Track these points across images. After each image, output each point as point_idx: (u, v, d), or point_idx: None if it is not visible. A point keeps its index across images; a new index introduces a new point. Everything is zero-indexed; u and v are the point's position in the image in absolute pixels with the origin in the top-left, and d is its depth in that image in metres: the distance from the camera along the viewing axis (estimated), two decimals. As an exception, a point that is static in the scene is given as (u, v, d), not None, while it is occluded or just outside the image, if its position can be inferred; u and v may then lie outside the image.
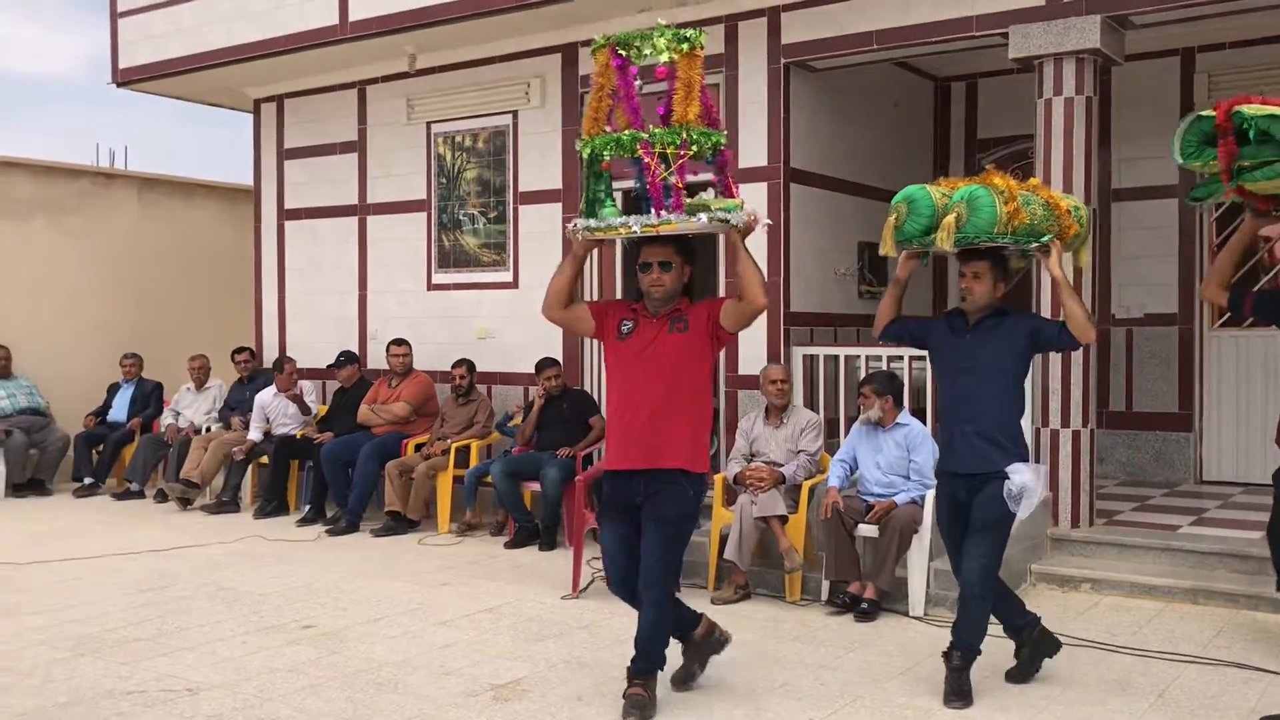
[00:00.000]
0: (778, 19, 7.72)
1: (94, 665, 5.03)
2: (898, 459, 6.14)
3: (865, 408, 6.27)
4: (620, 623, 5.76)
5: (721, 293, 7.56)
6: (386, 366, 9.11)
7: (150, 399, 10.81)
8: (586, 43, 8.51)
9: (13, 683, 4.77)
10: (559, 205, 8.72)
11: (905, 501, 6.03)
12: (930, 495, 5.94)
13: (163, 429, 10.31)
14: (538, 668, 5.02)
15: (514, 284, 9.02)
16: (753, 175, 7.79)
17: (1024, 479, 4.44)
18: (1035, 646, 4.83)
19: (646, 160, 4.16)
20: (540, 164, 8.86)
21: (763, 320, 7.72)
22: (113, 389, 10.98)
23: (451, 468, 8.36)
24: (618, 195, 4.69)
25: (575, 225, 4.38)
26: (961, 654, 4.54)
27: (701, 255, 5.75)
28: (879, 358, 7.34)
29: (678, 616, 4.60)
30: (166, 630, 5.61)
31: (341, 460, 8.69)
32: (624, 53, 4.27)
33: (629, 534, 4.42)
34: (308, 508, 8.83)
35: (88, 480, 10.35)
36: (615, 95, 4.28)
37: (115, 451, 10.47)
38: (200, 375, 10.43)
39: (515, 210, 9.03)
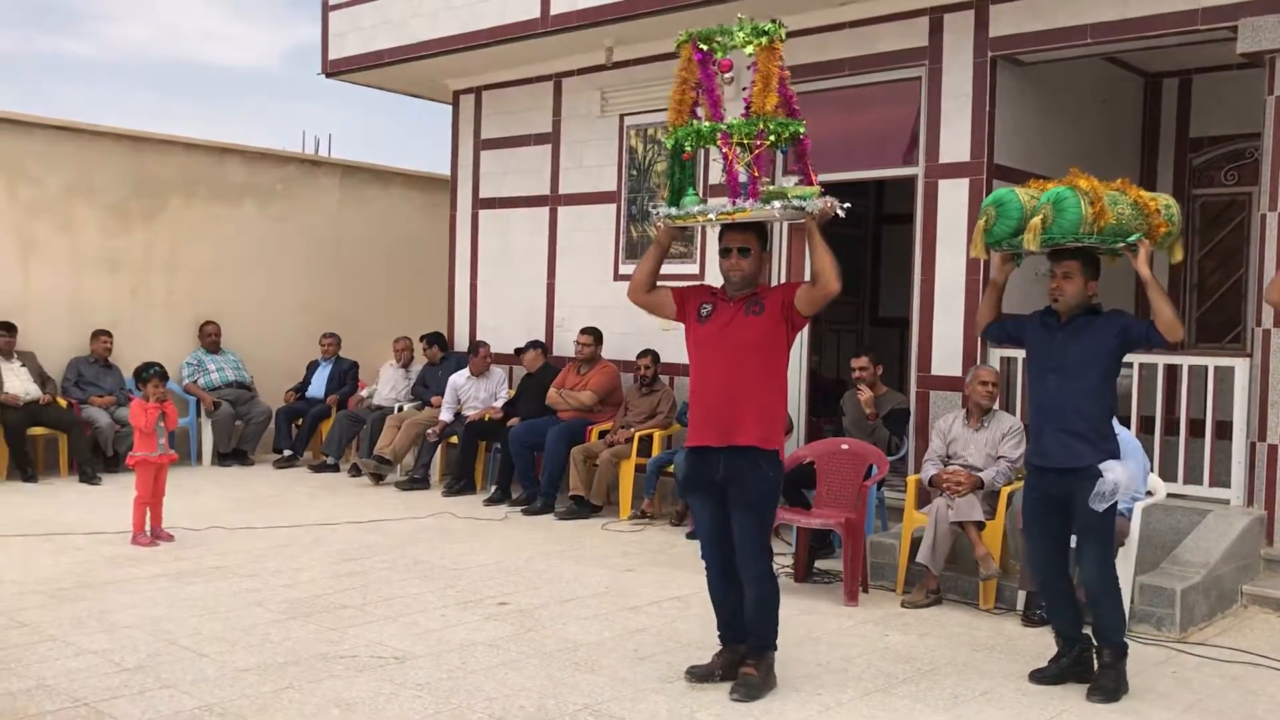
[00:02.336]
0: (986, 12, 7.51)
1: (306, 628, 5.28)
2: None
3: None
4: (807, 619, 5.74)
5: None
6: (574, 354, 9.29)
7: (346, 377, 11.31)
8: (789, 35, 8.51)
9: (236, 640, 5.06)
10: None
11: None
12: (1138, 508, 5.72)
13: (358, 406, 10.79)
14: (730, 659, 5.03)
15: (700, 275, 9.03)
16: (953, 171, 7.62)
17: (1116, 476, 4.56)
18: (1076, 664, 4.83)
19: (725, 150, 4.33)
20: (732, 157, 8.86)
21: (959, 320, 7.57)
22: (312, 366, 11.52)
23: (634, 456, 8.46)
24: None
25: (658, 213, 4.61)
26: (1110, 650, 4.69)
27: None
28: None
29: (770, 625, 4.60)
30: (370, 599, 5.85)
31: (527, 443, 8.91)
32: (705, 47, 4.46)
33: (712, 507, 4.60)
34: (494, 488, 9.10)
35: (287, 452, 10.88)
36: (697, 88, 4.50)
37: (313, 426, 10.99)
38: (404, 356, 10.87)
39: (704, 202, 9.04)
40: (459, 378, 9.90)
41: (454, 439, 9.65)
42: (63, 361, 10.32)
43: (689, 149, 4.50)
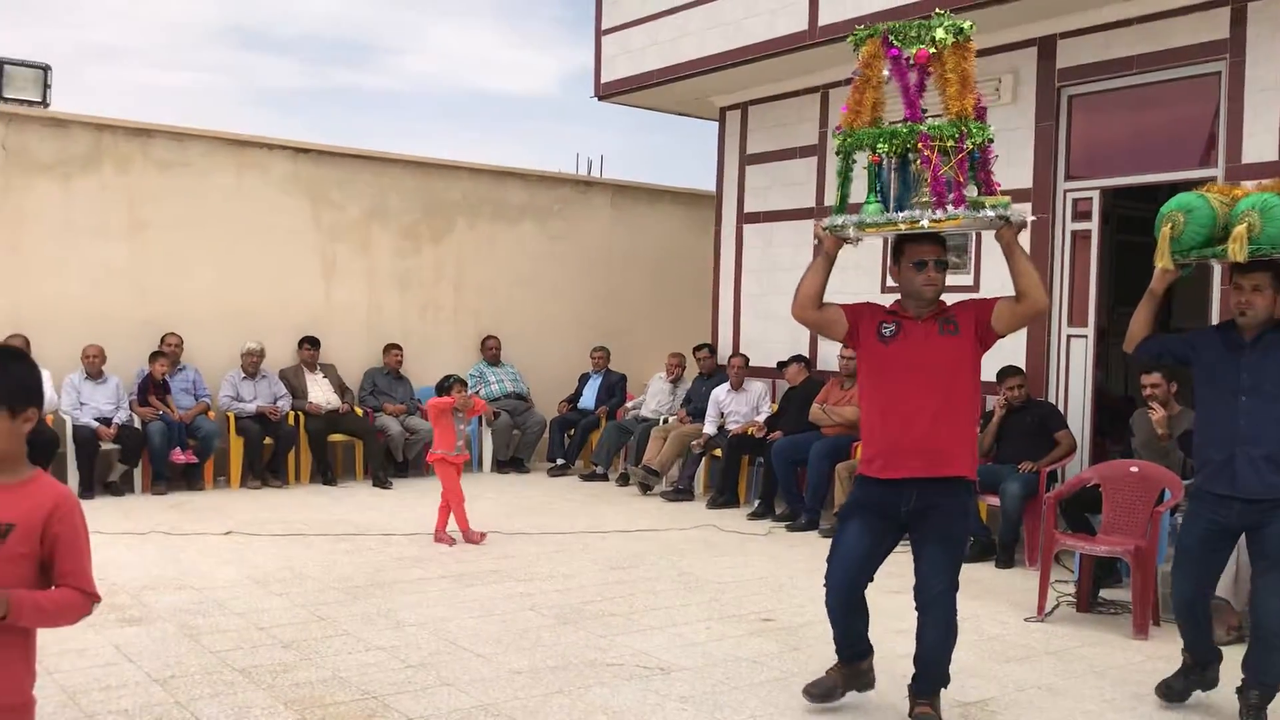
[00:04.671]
0: (1297, -3, 6.88)
1: (576, 634, 5.43)
2: None
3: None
4: (1091, 651, 5.40)
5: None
6: (838, 368, 9.15)
7: (615, 389, 11.61)
8: (1067, 34, 8.10)
9: (511, 642, 5.26)
10: (1028, 205, 8.32)
11: None
12: None
13: (626, 417, 11.05)
14: (1005, 689, 4.80)
15: (975, 288, 8.70)
16: (1258, 171, 6.98)
17: None
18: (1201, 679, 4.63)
19: (927, 154, 4.01)
20: (1008, 163, 8.46)
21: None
22: (583, 378, 11.91)
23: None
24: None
25: (840, 221, 4.25)
26: (1260, 692, 4.36)
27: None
28: None
29: (948, 662, 4.31)
30: (637, 609, 5.95)
31: (790, 459, 8.84)
32: (897, 43, 4.15)
33: (874, 535, 4.29)
34: (758, 502, 9.09)
35: (559, 461, 11.28)
36: (879, 88, 4.23)
37: (584, 436, 11.34)
38: (675, 371, 11.07)
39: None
40: (720, 391, 9.98)
41: (717, 452, 9.72)
42: (359, 373, 11.13)
43: (877, 152, 4.16)
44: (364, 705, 4.35)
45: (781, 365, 9.68)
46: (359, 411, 10.66)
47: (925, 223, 4.04)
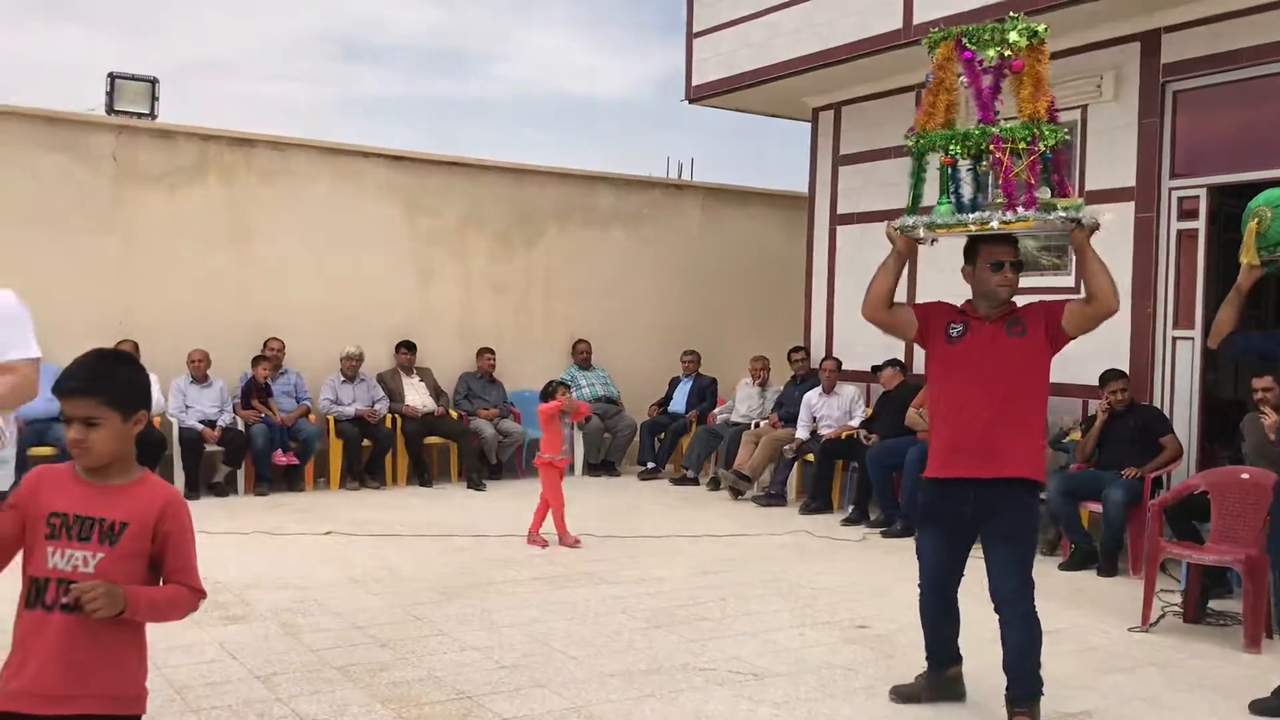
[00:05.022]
0: None
1: (668, 638, 5.42)
2: None
3: None
4: (1199, 664, 5.22)
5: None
6: (934, 372, 9.01)
7: (706, 393, 11.59)
8: (1171, 28, 7.86)
9: (603, 645, 5.27)
10: (1131, 204, 8.10)
11: None
12: None
13: (716, 421, 11.02)
14: (1109, 701, 4.66)
15: (1075, 289, 8.49)
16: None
17: None
18: None
19: (998, 155, 4.04)
20: (1111, 161, 8.27)
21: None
22: (673, 382, 11.90)
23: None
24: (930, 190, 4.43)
25: (911, 222, 4.26)
26: None
27: None
28: None
29: (1037, 669, 4.19)
30: (729, 613, 5.92)
31: (886, 464, 8.72)
32: (970, 46, 4.17)
33: (950, 543, 4.32)
34: (851, 508, 8.98)
35: (650, 464, 11.30)
36: (952, 90, 4.25)
37: (674, 440, 11.34)
38: (761, 375, 11.01)
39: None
40: (812, 395, 9.90)
41: (810, 456, 9.63)
42: (454, 376, 11.28)
43: (950, 154, 4.20)
44: (458, 705, 4.40)
45: (876, 369, 9.56)
46: (454, 414, 10.80)
47: (995, 224, 4.09)
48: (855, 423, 9.60)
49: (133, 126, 10.06)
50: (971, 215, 4.15)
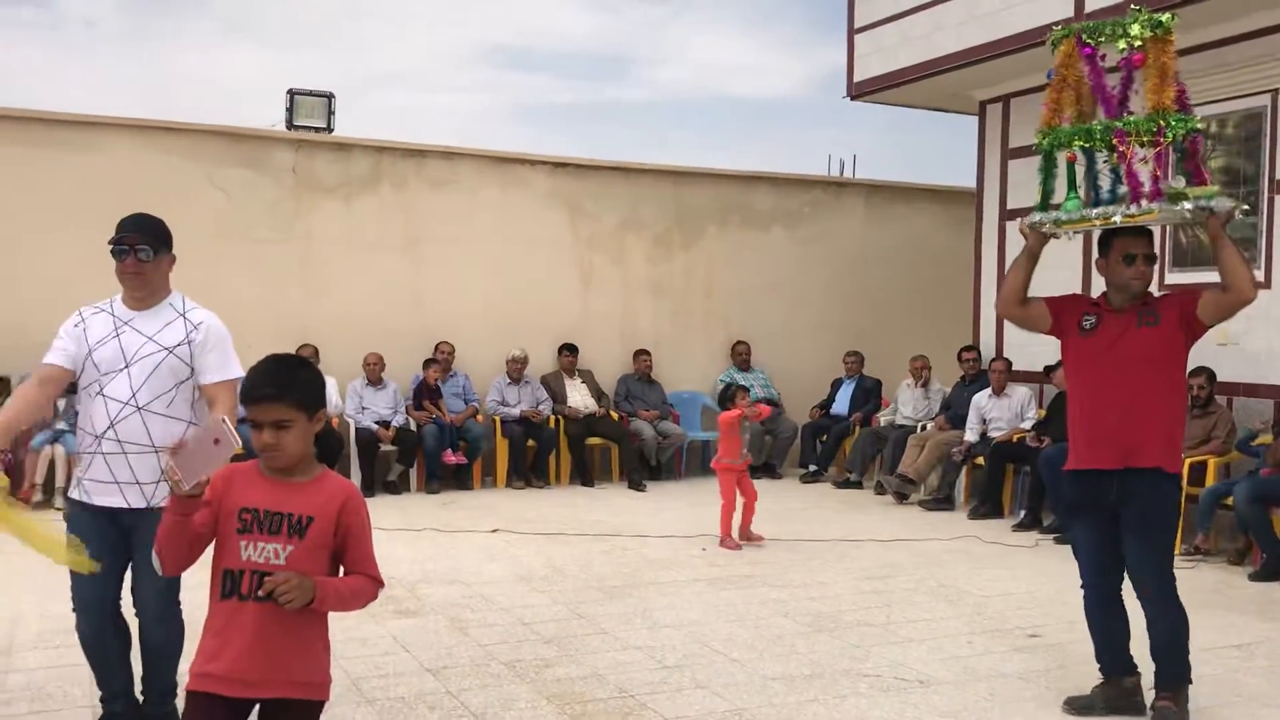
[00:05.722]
0: None
1: (831, 643, 5.35)
2: None
3: None
4: None
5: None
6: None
7: (869, 395, 11.39)
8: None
9: (764, 648, 5.24)
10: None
11: None
12: None
13: (881, 424, 10.82)
14: (1306, 723, 4.38)
15: (1265, 284, 8.03)
16: None
17: None
18: None
19: (1121, 149, 4.04)
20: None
21: None
22: (836, 384, 11.75)
23: (1185, 485, 7.65)
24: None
25: (1035, 219, 4.30)
26: None
27: None
28: None
29: (1183, 656, 4.24)
30: (894, 619, 5.81)
31: (1060, 466, 8.37)
32: (1091, 42, 4.18)
33: (1102, 536, 4.30)
34: (1023, 513, 8.70)
35: (812, 467, 11.17)
36: (1077, 86, 4.24)
37: (837, 442, 11.19)
38: (923, 375, 10.77)
39: (1270, 202, 8.03)
40: (981, 397, 9.62)
41: (980, 460, 9.36)
42: (614, 378, 11.40)
43: (1074, 150, 4.23)
44: (621, 703, 4.44)
45: (1049, 370, 9.21)
46: (614, 416, 10.93)
47: (1118, 218, 4.11)
48: (1027, 425, 9.29)
49: (311, 140, 10.52)
50: (1095, 210, 4.19)
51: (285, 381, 2.64)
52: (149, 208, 4.11)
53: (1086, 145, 4.21)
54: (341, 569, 2.71)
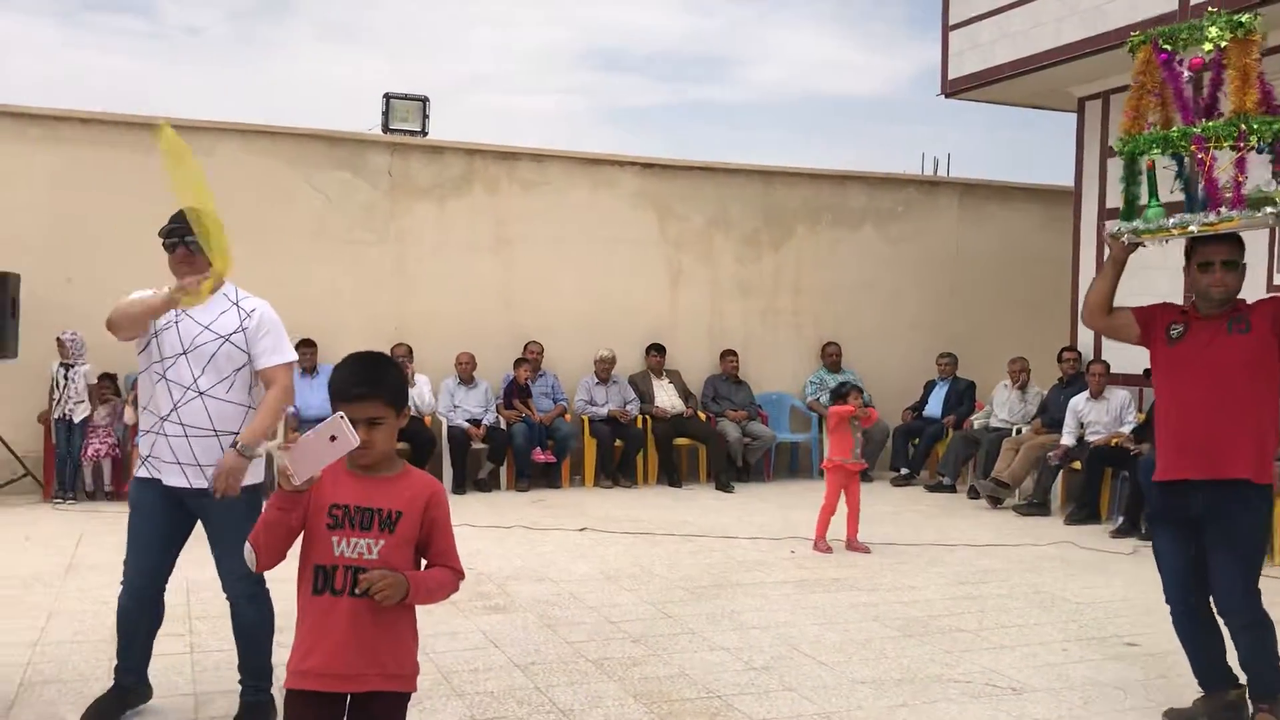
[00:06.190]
0: None
1: (921, 648, 5.28)
2: None
3: None
4: None
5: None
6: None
7: (963, 397, 11.21)
8: None
9: (853, 652, 5.20)
10: None
11: None
12: None
13: (974, 427, 10.64)
14: None
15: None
16: None
17: None
18: None
19: (1200, 155, 3.96)
20: None
21: None
22: (928, 385, 11.58)
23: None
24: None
25: (1117, 228, 4.23)
26: None
27: None
28: None
29: (1274, 667, 4.09)
30: (987, 625, 5.71)
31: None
32: (1168, 47, 4.10)
33: (1185, 551, 4.19)
34: (1121, 519, 8.48)
35: (903, 471, 11.03)
36: (1157, 92, 4.16)
37: (929, 445, 11.03)
38: (1020, 377, 10.57)
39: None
40: (1079, 400, 9.40)
41: (1076, 464, 9.16)
42: (702, 378, 11.40)
43: (1152, 157, 4.15)
44: (708, 704, 4.44)
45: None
46: (702, 416, 10.92)
47: (1195, 227, 4.01)
48: (1126, 430, 9.05)
49: (406, 144, 10.71)
50: (1173, 219, 4.08)
51: (378, 380, 2.69)
52: (250, 210, 4.26)
53: (1165, 153, 4.10)
54: (423, 561, 2.76)
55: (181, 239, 3.98)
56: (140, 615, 4.11)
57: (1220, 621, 4.18)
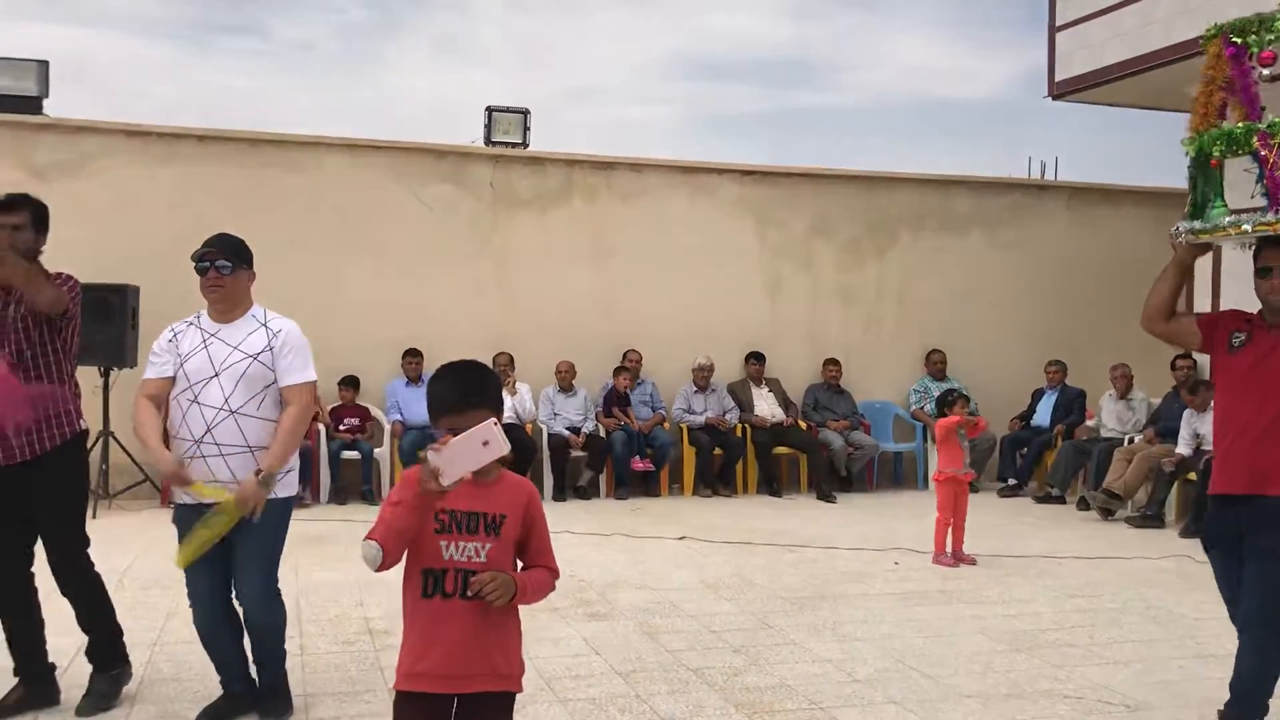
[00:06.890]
0: None
1: (1029, 662, 5.15)
2: None
3: None
4: None
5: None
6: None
7: (1073, 406, 10.93)
8: None
9: (959, 667, 5.09)
10: None
11: None
12: None
13: (1084, 436, 10.37)
14: None
15: None
16: None
17: None
18: None
19: (1264, 154, 3.74)
20: None
21: None
22: (1037, 394, 11.32)
23: None
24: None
25: (1178, 229, 4.07)
26: None
27: None
28: None
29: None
30: (1098, 640, 5.55)
31: (1283, 485, 7.86)
32: (1239, 40, 3.92)
33: (1235, 573, 3.97)
34: (1241, 533, 8.16)
35: (1011, 481, 10.80)
36: (1227, 88, 3.99)
37: (1038, 455, 10.78)
38: (1122, 384, 10.28)
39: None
40: (1192, 410, 9.07)
41: (1192, 475, 8.85)
42: (802, 387, 11.31)
43: (1217, 155, 3.94)
44: (810, 715, 4.40)
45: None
46: (802, 425, 10.83)
47: (1249, 228, 3.80)
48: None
49: (508, 156, 10.86)
50: (1229, 219, 3.88)
51: (482, 388, 2.76)
52: (358, 224, 4.36)
53: (1231, 150, 3.91)
54: (519, 562, 2.81)
55: (213, 263, 4.12)
56: (216, 632, 4.22)
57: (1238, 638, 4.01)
